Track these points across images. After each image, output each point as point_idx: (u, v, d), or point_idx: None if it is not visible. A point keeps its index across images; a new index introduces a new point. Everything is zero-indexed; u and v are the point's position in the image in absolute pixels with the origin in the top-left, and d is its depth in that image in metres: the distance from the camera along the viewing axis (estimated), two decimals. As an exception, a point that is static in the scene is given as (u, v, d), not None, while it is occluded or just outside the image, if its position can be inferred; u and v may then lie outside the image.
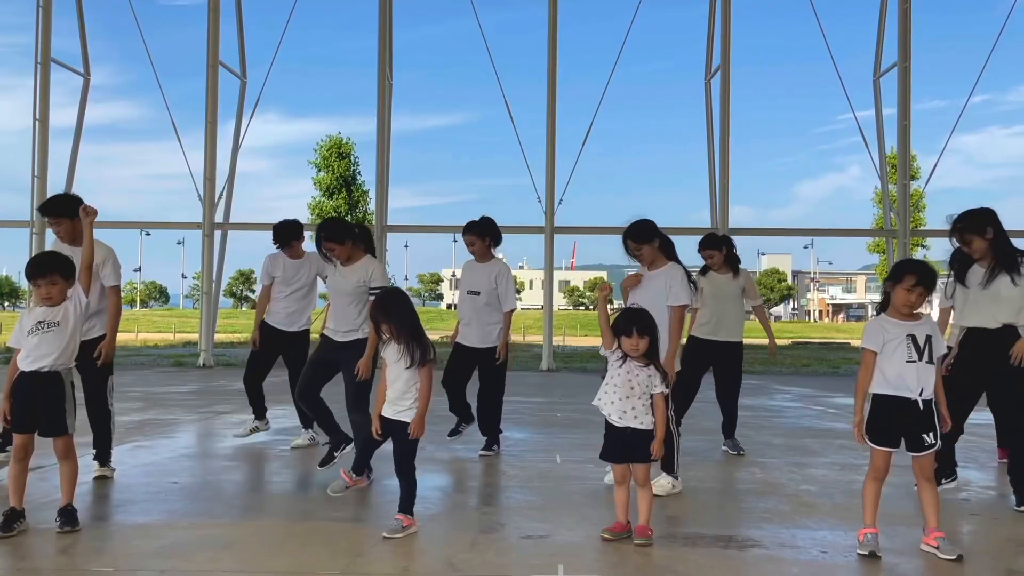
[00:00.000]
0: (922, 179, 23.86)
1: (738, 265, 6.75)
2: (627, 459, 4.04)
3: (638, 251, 5.21)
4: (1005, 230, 4.97)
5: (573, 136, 17.24)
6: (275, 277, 6.50)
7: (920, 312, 3.93)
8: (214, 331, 17.33)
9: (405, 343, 4.11)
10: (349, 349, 5.34)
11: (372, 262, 5.58)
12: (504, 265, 6.47)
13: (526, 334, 39.66)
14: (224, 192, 17.24)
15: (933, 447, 3.84)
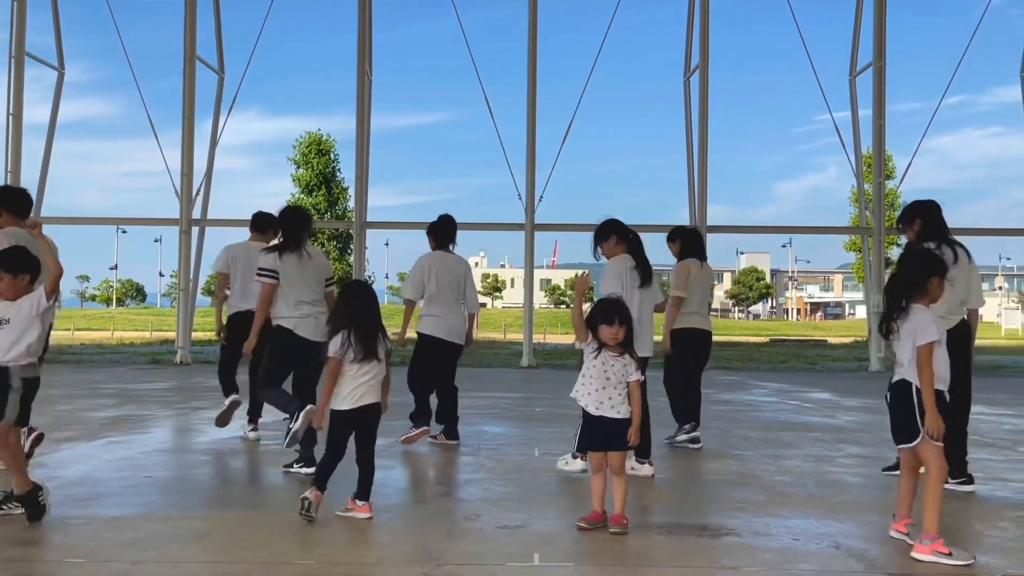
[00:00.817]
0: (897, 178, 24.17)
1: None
2: (605, 448, 4.06)
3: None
4: (941, 221, 5.05)
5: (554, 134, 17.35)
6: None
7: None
8: (192, 328, 17.20)
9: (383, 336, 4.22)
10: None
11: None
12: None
13: (507, 332, 39.73)
14: (202, 189, 17.12)
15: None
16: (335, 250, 31.50)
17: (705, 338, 6.67)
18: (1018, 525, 4.29)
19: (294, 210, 5.69)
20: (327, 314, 5.18)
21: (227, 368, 6.65)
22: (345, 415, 4.18)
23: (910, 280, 3.81)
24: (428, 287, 6.45)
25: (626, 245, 5.57)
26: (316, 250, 5.63)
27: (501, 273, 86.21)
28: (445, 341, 6.49)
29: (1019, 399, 11.06)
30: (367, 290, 4.47)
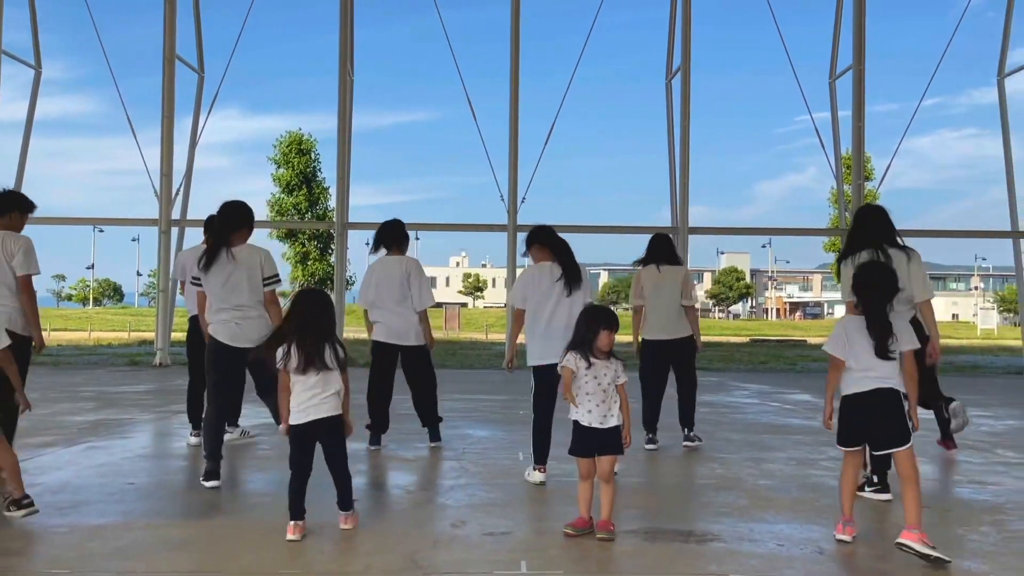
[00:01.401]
0: (876, 180, 24.41)
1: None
2: (600, 452, 4.05)
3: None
4: (869, 227, 5.14)
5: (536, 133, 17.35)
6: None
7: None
8: (171, 329, 17.04)
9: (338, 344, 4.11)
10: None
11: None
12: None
13: (489, 332, 39.71)
14: (181, 188, 16.97)
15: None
16: (316, 250, 31.35)
17: (665, 347, 6.70)
18: (999, 529, 4.35)
19: (221, 210, 5.31)
20: (260, 318, 5.11)
21: (194, 390, 6.58)
22: (298, 430, 4.04)
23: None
24: (368, 293, 6.50)
25: (549, 251, 5.49)
26: (248, 250, 5.24)
27: (482, 273, 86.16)
28: (389, 344, 6.50)
29: (996, 399, 11.20)
30: (316, 297, 4.23)
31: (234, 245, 5.16)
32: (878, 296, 3.94)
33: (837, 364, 4.03)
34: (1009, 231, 17.05)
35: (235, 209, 5.29)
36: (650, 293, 6.73)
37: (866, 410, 3.94)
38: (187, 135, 17.59)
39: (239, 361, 5.18)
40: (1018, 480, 5.70)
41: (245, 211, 5.33)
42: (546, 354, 5.30)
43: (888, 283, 3.99)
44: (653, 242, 6.94)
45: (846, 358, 3.97)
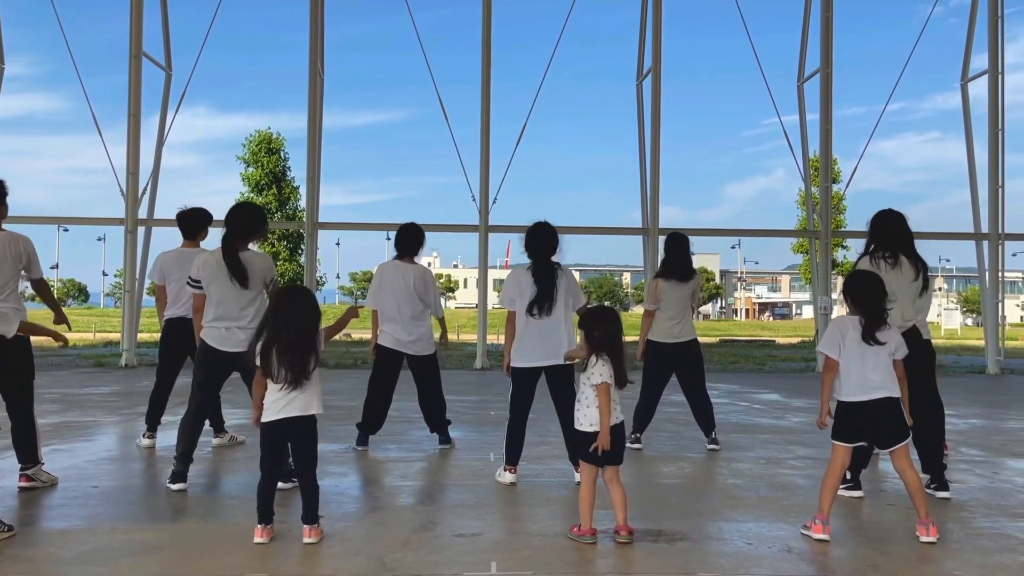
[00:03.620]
0: (843, 182, 24.76)
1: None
2: (606, 462, 3.97)
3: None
4: (877, 232, 5.21)
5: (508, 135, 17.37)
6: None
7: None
8: (137, 330, 16.80)
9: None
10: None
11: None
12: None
13: (460, 332, 39.61)
14: (148, 187, 16.73)
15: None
16: (285, 250, 31.09)
17: (672, 349, 6.80)
18: (963, 526, 4.42)
19: (232, 212, 5.17)
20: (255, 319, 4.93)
21: (158, 393, 6.55)
22: (268, 427, 3.92)
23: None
24: (384, 304, 6.55)
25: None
26: (252, 256, 5.15)
27: (454, 273, 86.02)
28: (395, 351, 6.54)
29: (960, 398, 11.40)
30: (300, 299, 3.96)
31: (241, 251, 5.09)
32: (870, 295, 4.07)
33: (831, 364, 4.11)
34: (972, 233, 17.37)
35: (245, 213, 5.20)
36: (664, 301, 6.78)
37: (868, 416, 4.07)
38: (154, 133, 17.37)
39: (231, 365, 5.10)
40: (980, 478, 5.80)
41: (260, 214, 5.35)
42: (528, 356, 5.31)
43: (879, 290, 4.10)
44: (671, 250, 6.90)
45: (839, 358, 4.04)
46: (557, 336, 5.27)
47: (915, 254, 5.13)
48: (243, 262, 5.02)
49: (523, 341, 5.31)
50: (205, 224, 6.52)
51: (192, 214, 6.47)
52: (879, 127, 18.67)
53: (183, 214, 6.48)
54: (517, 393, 5.39)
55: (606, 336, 3.97)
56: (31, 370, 5.09)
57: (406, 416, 7.97)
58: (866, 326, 4.04)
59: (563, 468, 5.66)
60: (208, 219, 6.55)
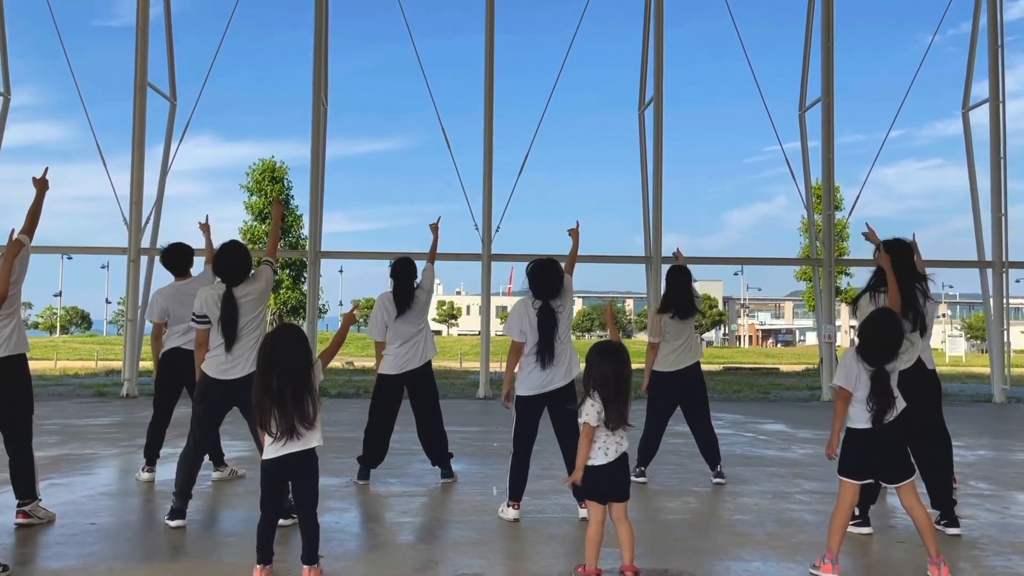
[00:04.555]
0: (845, 210, 24.78)
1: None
2: (612, 499, 3.89)
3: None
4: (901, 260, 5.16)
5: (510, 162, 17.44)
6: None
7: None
8: (139, 359, 16.75)
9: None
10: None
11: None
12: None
13: (463, 360, 39.52)
14: (151, 216, 16.78)
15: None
16: (288, 278, 31.13)
17: (676, 378, 6.77)
18: (974, 564, 4.33)
19: (222, 252, 5.18)
20: (250, 351, 4.91)
21: (156, 427, 6.52)
22: (269, 465, 3.84)
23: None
24: (391, 335, 6.58)
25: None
26: (246, 285, 5.12)
27: (457, 300, 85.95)
28: (397, 376, 6.54)
29: (967, 429, 11.29)
30: (286, 343, 3.81)
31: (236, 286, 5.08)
32: (882, 359, 4.01)
33: (845, 396, 4.07)
34: (976, 261, 17.34)
35: (232, 253, 5.15)
36: (668, 334, 6.78)
37: (877, 444, 4.01)
38: (158, 162, 17.43)
39: (229, 396, 5.05)
40: (991, 513, 5.71)
41: (247, 254, 5.25)
42: (533, 385, 5.28)
43: (894, 343, 4.04)
44: (673, 286, 6.87)
45: (855, 390, 4.00)
46: (561, 365, 5.29)
47: (918, 287, 5.08)
48: (237, 302, 5.01)
49: (527, 372, 5.28)
50: (190, 257, 6.67)
51: (176, 253, 6.58)
52: (879, 154, 18.72)
53: (167, 256, 6.57)
54: (522, 424, 5.33)
55: (604, 375, 3.90)
56: (29, 403, 5.05)
57: (407, 448, 7.89)
58: (875, 411, 4.00)
59: (567, 503, 5.59)
60: (191, 252, 6.67)
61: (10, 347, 4.88)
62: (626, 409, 3.90)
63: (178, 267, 6.56)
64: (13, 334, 4.89)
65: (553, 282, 5.30)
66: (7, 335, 4.85)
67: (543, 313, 5.23)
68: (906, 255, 5.09)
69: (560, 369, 5.26)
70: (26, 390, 5.00)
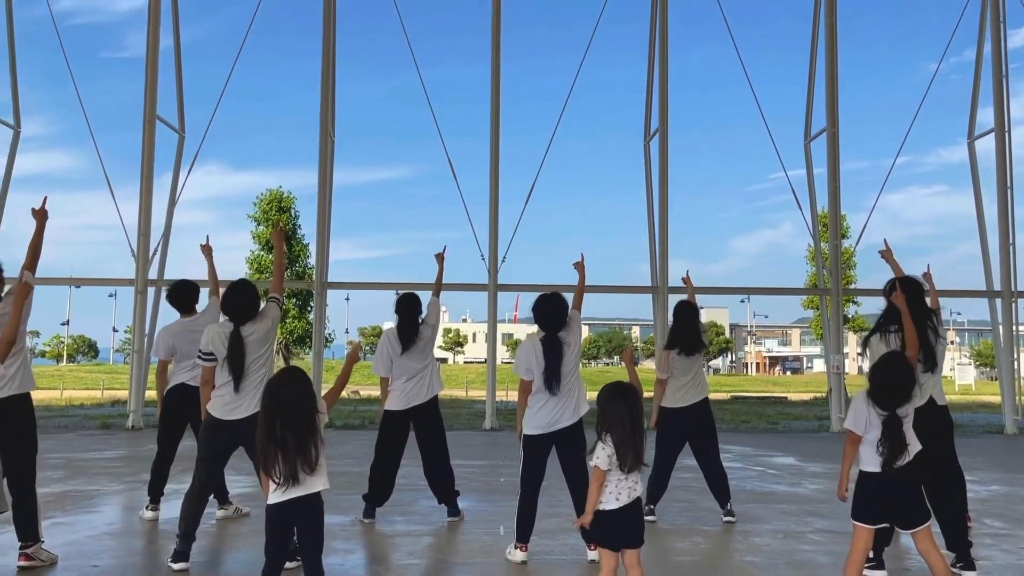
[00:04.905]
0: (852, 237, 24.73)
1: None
2: (627, 545, 3.82)
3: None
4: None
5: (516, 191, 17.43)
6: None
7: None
8: (144, 391, 16.71)
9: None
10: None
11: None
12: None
13: (469, 389, 39.39)
14: (159, 248, 16.83)
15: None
16: (295, 308, 31.14)
17: (685, 414, 6.72)
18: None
19: (230, 291, 5.20)
20: (255, 389, 4.88)
21: (160, 464, 6.49)
22: (274, 510, 3.76)
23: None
24: (396, 370, 6.55)
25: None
26: (255, 323, 5.11)
27: (463, 328, 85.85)
28: (404, 411, 6.49)
29: (980, 462, 11.12)
30: (288, 388, 3.77)
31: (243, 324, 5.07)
32: (893, 404, 3.96)
33: (855, 439, 4.02)
34: (985, 291, 17.25)
35: (250, 292, 5.19)
36: (676, 370, 6.74)
37: (890, 489, 3.94)
38: (166, 190, 17.50)
39: (234, 437, 5.01)
40: (1007, 553, 5.61)
41: (254, 293, 5.25)
42: (541, 424, 5.22)
43: (906, 388, 3.99)
44: (680, 322, 6.84)
45: (865, 433, 3.95)
46: (570, 401, 5.24)
47: (929, 324, 5.03)
48: (243, 341, 4.99)
49: (535, 409, 5.23)
50: (196, 295, 6.69)
51: (182, 290, 6.63)
52: (885, 181, 18.72)
53: (173, 294, 6.61)
54: (529, 463, 5.28)
55: (619, 416, 3.85)
56: (33, 443, 5.02)
57: (413, 483, 7.79)
58: (887, 456, 3.95)
59: (575, 543, 5.51)
60: (196, 289, 6.71)
61: (14, 386, 4.87)
62: (642, 448, 3.85)
63: (184, 304, 6.58)
64: (18, 373, 4.88)
65: (558, 314, 5.28)
66: (12, 373, 4.84)
67: (548, 343, 5.21)
68: (919, 295, 5.05)
69: (568, 407, 5.22)
70: (30, 430, 4.98)
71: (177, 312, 6.63)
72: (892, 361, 4.09)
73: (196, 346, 5.48)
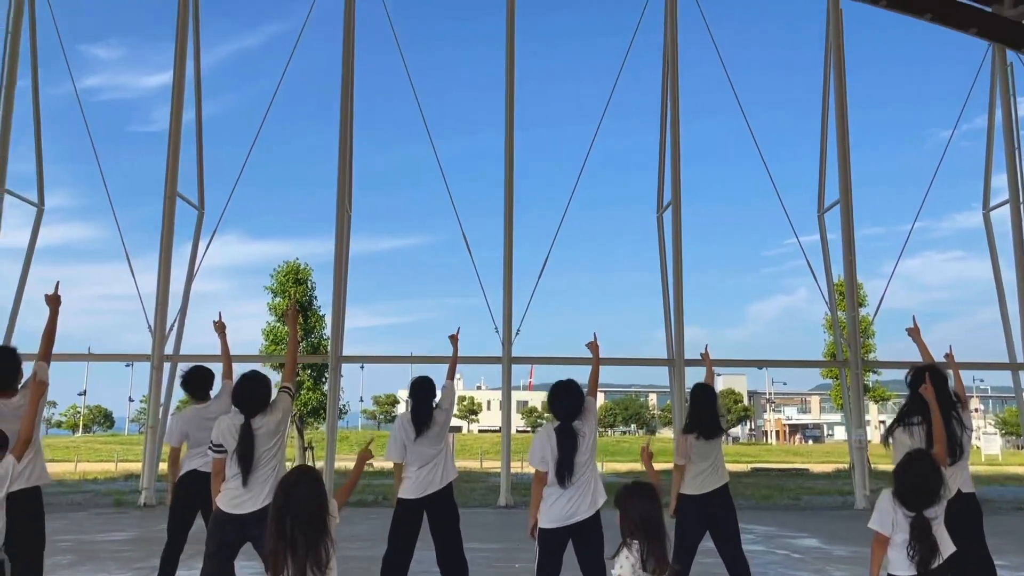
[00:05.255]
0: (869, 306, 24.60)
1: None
2: None
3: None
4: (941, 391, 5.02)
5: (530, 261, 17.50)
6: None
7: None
8: (157, 467, 16.61)
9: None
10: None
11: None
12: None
13: (484, 460, 38.92)
14: (176, 323, 16.93)
15: None
16: (309, 379, 31.09)
17: (704, 501, 6.53)
18: None
19: (240, 383, 5.20)
20: (265, 483, 4.86)
21: (171, 551, 6.37)
22: None
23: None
24: (409, 457, 6.42)
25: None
26: (266, 415, 5.10)
27: (477, 395, 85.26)
28: (418, 500, 6.35)
29: (1012, 543, 10.74)
30: (300, 488, 3.69)
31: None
32: (921, 505, 3.85)
33: (882, 540, 3.88)
34: (1008, 363, 17.00)
35: (262, 385, 5.18)
36: (695, 455, 6.61)
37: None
38: (183, 261, 17.67)
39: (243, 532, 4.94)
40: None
41: (266, 386, 5.23)
42: (556, 518, 5.10)
43: (935, 490, 3.88)
44: (698, 405, 6.74)
45: (893, 534, 3.82)
46: (586, 493, 5.13)
47: (954, 416, 4.92)
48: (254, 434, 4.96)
49: (550, 502, 5.12)
50: (211, 382, 6.69)
51: (196, 378, 6.63)
52: (899, 246, 18.74)
53: (188, 381, 6.61)
54: (545, 558, 5.14)
55: (642, 516, 3.75)
56: (41, 539, 4.96)
57: (426, 568, 7.61)
58: (920, 562, 3.83)
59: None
60: (211, 376, 6.70)
61: (25, 480, 4.84)
62: (666, 553, 3.73)
63: (198, 392, 6.60)
64: (29, 467, 4.86)
65: (573, 403, 5.22)
66: (23, 466, 4.81)
67: (562, 432, 5.14)
68: (943, 384, 4.96)
69: (584, 499, 5.11)
70: (38, 525, 4.93)
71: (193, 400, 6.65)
72: (918, 461, 3.98)
73: (208, 433, 5.45)
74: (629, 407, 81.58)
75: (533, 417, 76.52)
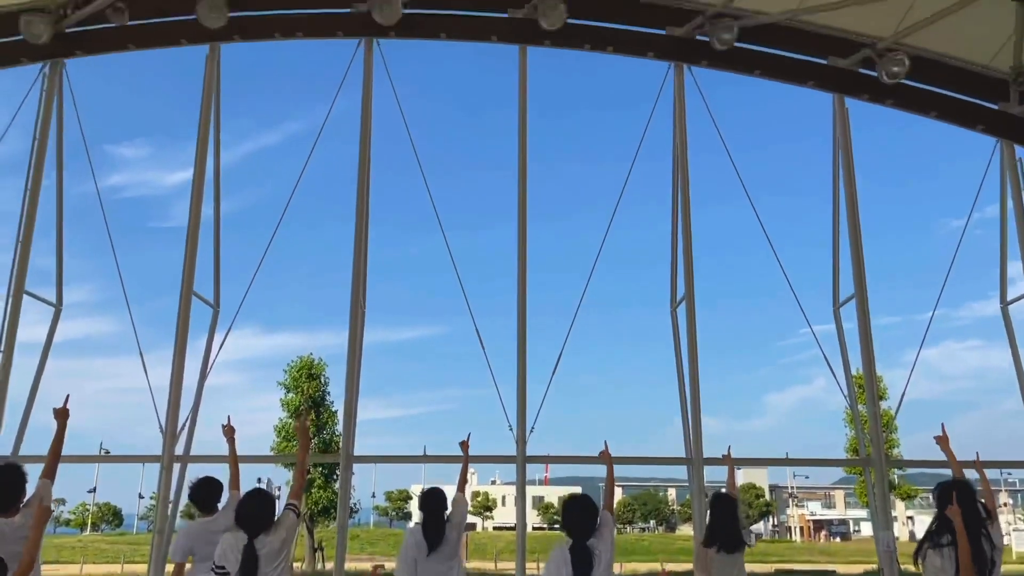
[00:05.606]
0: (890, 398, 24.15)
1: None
2: None
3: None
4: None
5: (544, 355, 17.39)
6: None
7: None
8: (163, 573, 16.19)
9: None
10: None
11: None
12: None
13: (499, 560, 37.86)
14: (187, 421, 16.78)
15: None
16: (321, 477, 30.68)
17: None
18: None
19: (243, 502, 5.25)
20: None
21: None
22: None
23: None
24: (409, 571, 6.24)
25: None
26: (269, 534, 5.09)
27: (491, 491, 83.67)
28: None
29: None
30: None
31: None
32: None
33: None
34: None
35: (266, 502, 5.21)
36: (716, 570, 6.42)
37: None
38: (198, 356, 17.59)
39: None
40: None
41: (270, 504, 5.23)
42: None
43: None
44: (719, 516, 6.58)
45: None
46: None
47: (983, 533, 4.71)
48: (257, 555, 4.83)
49: None
50: (219, 493, 6.66)
51: (204, 489, 6.62)
52: (918, 336, 18.48)
53: (195, 492, 6.55)
54: None
55: None
56: None
57: None
58: None
59: None
60: (220, 488, 6.67)
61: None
62: None
63: (206, 504, 6.53)
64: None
65: (587, 520, 5.07)
66: None
67: (576, 552, 4.96)
68: (971, 501, 4.78)
69: None
70: None
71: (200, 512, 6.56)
72: None
73: (214, 547, 5.36)
74: (648, 502, 79.71)
75: (550, 514, 74.71)
